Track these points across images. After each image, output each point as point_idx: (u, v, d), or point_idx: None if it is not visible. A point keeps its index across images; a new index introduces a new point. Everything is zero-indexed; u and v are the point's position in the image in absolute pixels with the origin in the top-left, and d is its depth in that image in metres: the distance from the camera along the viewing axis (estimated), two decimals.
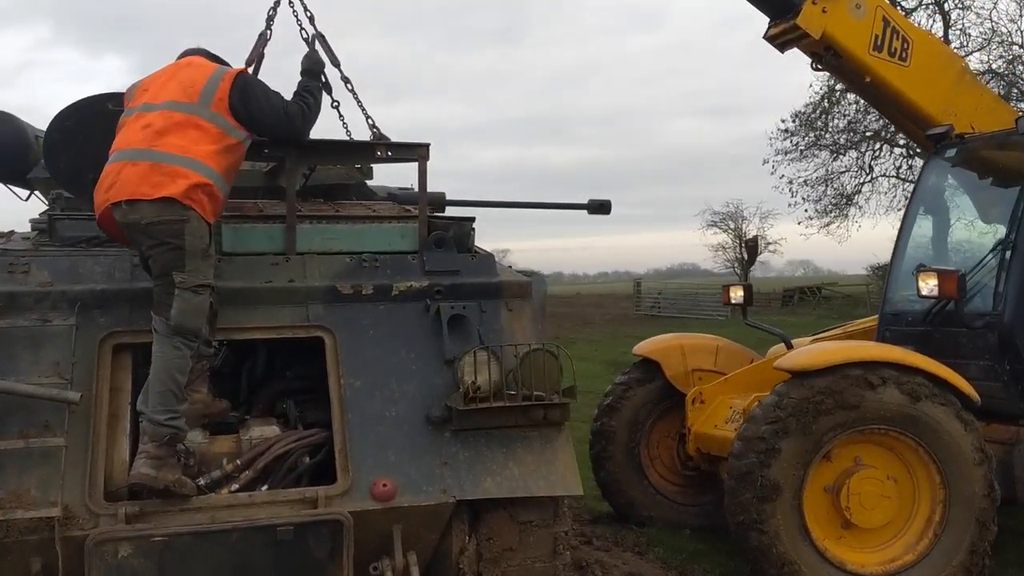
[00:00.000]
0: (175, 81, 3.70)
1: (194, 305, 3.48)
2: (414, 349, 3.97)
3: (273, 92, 3.86)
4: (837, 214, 29.79)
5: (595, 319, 35.65)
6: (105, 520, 3.30)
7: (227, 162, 3.68)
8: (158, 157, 3.50)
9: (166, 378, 3.42)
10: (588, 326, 31.24)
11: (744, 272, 7.96)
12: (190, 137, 3.56)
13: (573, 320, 34.58)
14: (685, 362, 6.40)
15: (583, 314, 39.26)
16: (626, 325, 30.51)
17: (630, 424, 6.42)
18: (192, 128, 3.58)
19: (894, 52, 5.84)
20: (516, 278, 4.29)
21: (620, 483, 6.39)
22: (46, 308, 3.72)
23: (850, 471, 4.86)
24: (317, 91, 4.02)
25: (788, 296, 38.36)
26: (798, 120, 28.83)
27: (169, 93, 3.65)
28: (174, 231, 3.48)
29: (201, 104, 3.63)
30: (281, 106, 3.81)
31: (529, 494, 3.74)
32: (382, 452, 3.68)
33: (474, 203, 7.40)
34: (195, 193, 3.51)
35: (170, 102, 3.62)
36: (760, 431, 4.80)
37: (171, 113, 3.59)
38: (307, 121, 3.90)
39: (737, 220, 41.65)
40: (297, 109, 3.86)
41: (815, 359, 4.91)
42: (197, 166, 3.53)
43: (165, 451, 3.36)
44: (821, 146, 28.75)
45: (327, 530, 3.42)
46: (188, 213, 3.50)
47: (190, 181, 3.49)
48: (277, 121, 3.80)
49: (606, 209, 7.40)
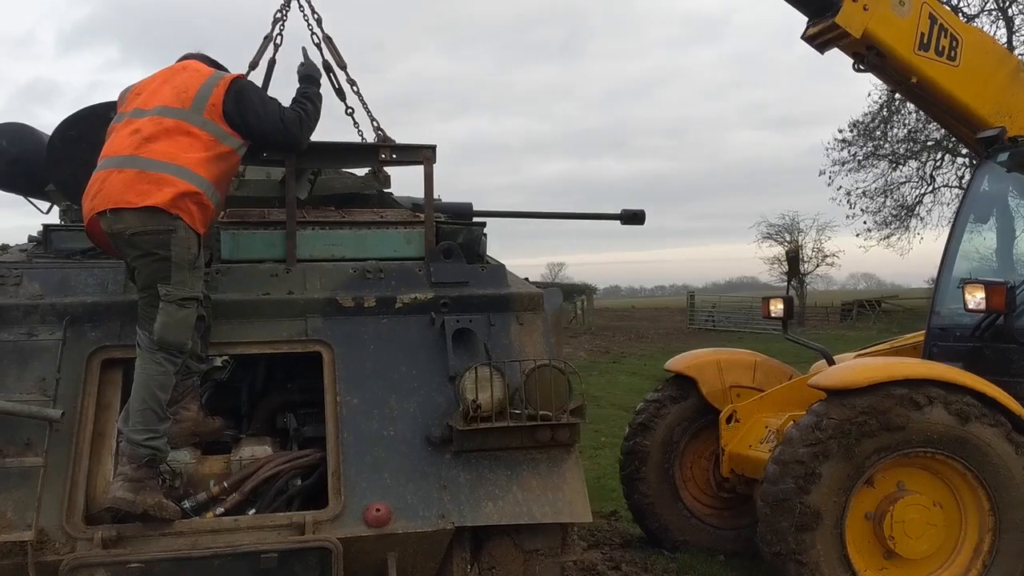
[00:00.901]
0: (169, 86, 3.55)
1: (178, 319, 3.32)
2: (416, 365, 3.77)
3: (270, 99, 3.72)
4: (897, 226, 29.01)
5: (648, 333, 35.19)
6: (82, 544, 3.15)
7: (219, 170, 3.51)
8: (145, 164, 3.35)
9: (147, 396, 3.25)
10: (640, 340, 30.79)
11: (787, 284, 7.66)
12: (180, 144, 3.41)
13: (625, 334, 34.20)
14: (722, 378, 6.08)
15: (636, 328, 38.83)
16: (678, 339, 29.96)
17: (664, 443, 6.11)
18: (182, 135, 3.43)
19: (942, 51, 5.48)
20: (527, 290, 4.06)
21: (653, 505, 6.08)
22: (35, 321, 3.60)
23: (894, 497, 4.51)
24: (315, 97, 3.86)
25: (847, 310, 37.43)
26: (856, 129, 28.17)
27: (161, 98, 3.51)
28: (160, 241, 3.32)
29: (193, 110, 3.48)
30: (277, 113, 3.65)
31: (533, 520, 3.50)
32: (377, 474, 3.47)
33: (503, 214, 7.20)
34: (183, 202, 3.35)
35: (161, 108, 3.48)
36: (798, 454, 4.48)
37: (161, 119, 3.44)
38: (304, 128, 3.73)
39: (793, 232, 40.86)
40: (294, 116, 3.70)
41: (856, 376, 4.58)
42: (185, 174, 3.37)
43: (144, 473, 3.19)
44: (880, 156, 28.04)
45: (315, 558, 3.21)
46: (175, 223, 3.33)
47: (177, 189, 3.33)
48: (273, 128, 3.63)
49: (640, 219, 7.14)
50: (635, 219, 7.15)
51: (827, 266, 41.73)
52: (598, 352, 24.73)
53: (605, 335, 34.03)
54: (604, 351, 24.97)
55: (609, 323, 44.18)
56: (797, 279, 7.55)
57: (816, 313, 40.44)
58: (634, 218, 7.14)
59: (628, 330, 36.87)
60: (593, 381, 16.70)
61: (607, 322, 45.04)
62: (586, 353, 24.27)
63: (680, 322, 41.35)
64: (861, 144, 28.45)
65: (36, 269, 3.77)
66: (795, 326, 34.97)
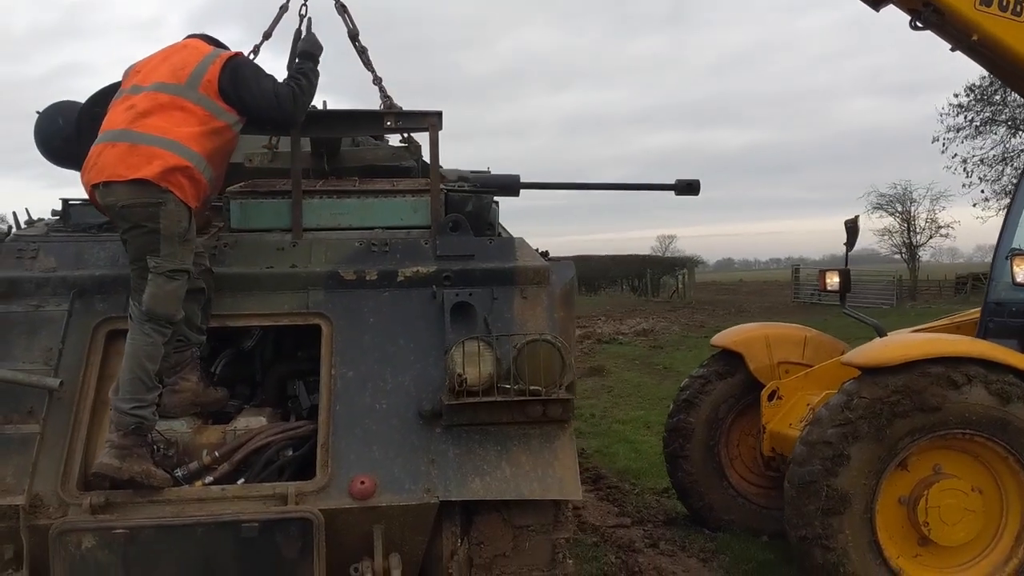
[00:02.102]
0: (167, 64, 3.61)
1: (167, 291, 3.38)
2: (415, 338, 3.74)
3: (266, 75, 3.72)
4: None
5: (750, 308, 34.34)
6: (74, 510, 3.24)
7: (213, 145, 3.55)
8: (136, 138, 3.41)
9: (135, 365, 3.33)
10: (740, 315, 30.01)
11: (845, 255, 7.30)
12: (173, 119, 3.46)
13: (727, 308, 33.48)
14: (770, 354, 5.87)
15: (739, 302, 37.99)
16: (781, 314, 29.15)
17: (709, 421, 5.95)
18: (176, 110, 3.48)
19: (1006, 6, 5.08)
20: (533, 263, 3.96)
21: (697, 484, 5.94)
22: (47, 294, 3.72)
23: (929, 481, 4.28)
24: (311, 73, 3.85)
25: (961, 283, 35.70)
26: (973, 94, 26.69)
27: (159, 75, 3.57)
28: (149, 214, 3.38)
29: (188, 86, 3.52)
30: (272, 89, 3.66)
31: (520, 497, 3.43)
32: (366, 447, 3.47)
33: (551, 185, 7.10)
34: (172, 176, 3.39)
35: (158, 84, 3.53)
36: (826, 435, 4.29)
37: (157, 95, 3.50)
38: (298, 104, 3.73)
39: (905, 203, 39.13)
40: (288, 91, 3.70)
41: (890, 353, 4.34)
42: (177, 147, 3.42)
43: (131, 441, 3.26)
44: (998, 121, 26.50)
45: (296, 528, 3.23)
46: (165, 196, 3.38)
47: (167, 163, 3.38)
48: (267, 104, 3.64)
49: (694, 189, 6.93)
50: (690, 189, 6.93)
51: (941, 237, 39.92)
52: (693, 326, 24.31)
53: (705, 309, 33.41)
54: (699, 325, 24.52)
55: (712, 297, 43.36)
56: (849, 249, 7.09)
57: (929, 287, 38.74)
58: (689, 188, 6.92)
59: (730, 304, 36.08)
60: (680, 356, 16.44)
61: (710, 296, 44.23)
62: (680, 328, 23.90)
63: (787, 296, 40.24)
64: (979, 109, 26.98)
65: (52, 243, 3.89)
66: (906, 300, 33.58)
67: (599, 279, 47.42)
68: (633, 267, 46.60)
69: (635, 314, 30.58)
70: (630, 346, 19.05)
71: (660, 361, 15.88)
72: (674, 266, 47.83)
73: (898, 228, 39.84)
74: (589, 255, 49.09)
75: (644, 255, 49.05)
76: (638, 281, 45.68)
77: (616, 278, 47.35)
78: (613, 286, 47.35)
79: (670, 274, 46.42)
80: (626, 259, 47.73)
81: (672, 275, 46.17)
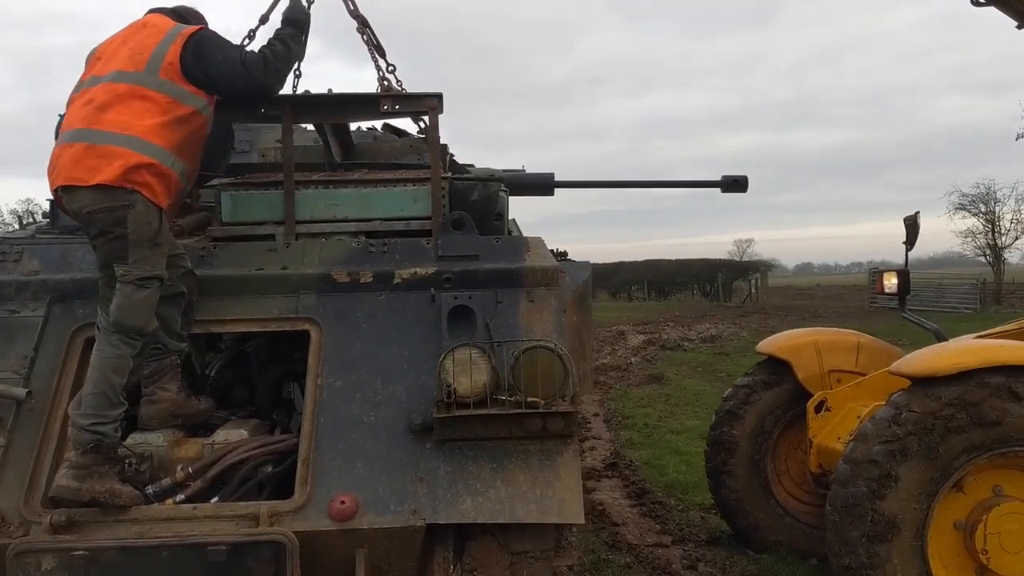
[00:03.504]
0: (125, 48, 3.35)
1: (136, 300, 3.15)
2: (410, 345, 3.47)
3: (231, 44, 3.49)
4: None
5: (825, 312, 33.27)
6: (36, 528, 3.04)
7: (179, 135, 3.31)
8: (93, 137, 3.18)
9: (100, 379, 3.10)
10: (813, 320, 29.08)
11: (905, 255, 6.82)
12: (133, 110, 3.21)
13: (800, 313, 32.52)
14: (820, 362, 5.43)
15: (815, 307, 36.90)
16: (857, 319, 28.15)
17: (754, 433, 5.54)
18: (136, 99, 3.23)
19: None
20: (542, 263, 3.66)
21: (742, 501, 5.52)
22: (26, 298, 3.56)
23: (988, 504, 3.83)
24: (290, 39, 3.59)
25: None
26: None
27: (117, 62, 3.32)
28: (115, 219, 3.15)
29: (148, 72, 3.27)
30: (238, 58, 3.41)
31: (515, 520, 3.10)
32: (350, 463, 3.20)
33: (588, 184, 6.79)
34: (136, 175, 3.16)
35: (115, 72, 3.29)
36: (871, 452, 3.87)
37: (114, 85, 3.25)
38: (269, 70, 3.47)
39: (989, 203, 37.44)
40: (256, 58, 3.45)
41: (943, 362, 3.89)
42: (137, 144, 3.18)
43: (91, 459, 3.03)
44: None
45: (268, 552, 2.97)
46: (132, 197, 3.16)
47: (127, 163, 3.14)
48: (235, 75, 3.40)
49: (742, 186, 6.56)
50: (736, 186, 6.55)
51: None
52: (763, 332, 23.48)
53: (778, 314, 32.51)
54: (770, 331, 23.72)
55: (787, 302, 42.27)
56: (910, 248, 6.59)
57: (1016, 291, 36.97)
58: (735, 184, 6.55)
59: (804, 309, 35.05)
60: (745, 363, 15.81)
61: (785, 301, 43.13)
62: (748, 333, 23.19)
63: (864, 301, 38.95)
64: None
65: (38, 245, 3.74)
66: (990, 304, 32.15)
67: (668, 284, 46.67)
68: (704, 271, 45.69)
69: (704, 319, 29.89)
70: (694, 352, 18.51)
71: (724, 368, 15.34)
72: (747, 270, 46.74)
73: (981, 229, 38.19)
74: (658, 259, 48.40)
75: (715, 259, 47.99)
76: (709, 286, 44.78)
77: (686, 283, 46.49)
78: (683, 291, 46.52)
79: (743, 278, 45.37)
80: (696, 263, 46.82)
81: (745, 279, 45.13)
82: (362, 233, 3.92)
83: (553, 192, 6.39)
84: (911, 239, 5.59)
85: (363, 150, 4.95)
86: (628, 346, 20.28)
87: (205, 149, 3.89)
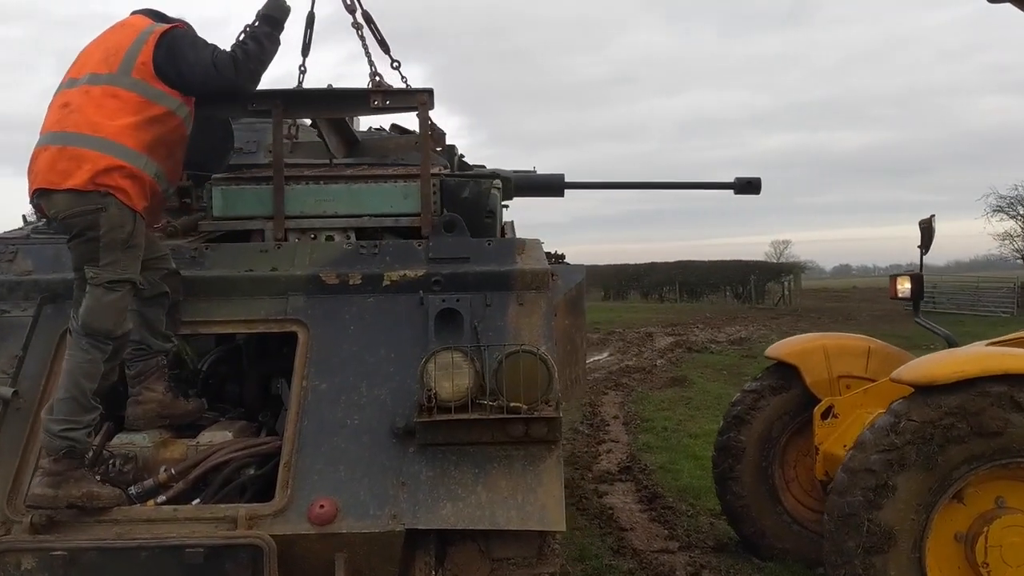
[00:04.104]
0: (100, 49, 3.33)
1: (106, 303, 3.14)
2: (397, 348, 3.45)
3: (204, 43, 3.43)
4: None
5: (859, 315, 32.87)
6: (18, 528, 3.06)
7: (151, 135, 3.27)
8: (65, 139, 3.18)
9: (70, 384, 3.09)
10: (847, 323, 28.77)
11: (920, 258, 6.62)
12: (105, 110, 3.19)
13: (834, 316, 32.16)
14: (829, 367, 5.33)
15: (849, 310, 36.41)
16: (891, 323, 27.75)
17: (762, 439, 5.45)
18: (109, 99, 3.21)
19: None
20: (532, 266, 3.63)
21: (748, 508, 5.44)
22: (18, 298, 3.59)
23: (989, 516, 3.73)
24: (264, 37, 3.50)
25: None
26: None
27: (92, 63, 3.30)
28: (89, 222, 3.15)
29: (121, 72, 3.25)
30: (209, 57, 3.36)
31: (494, 526, 3.08)
32: (332, 467, 3.18)
33: (599, 185, 6.75)
34: (107, 178, 3.15)
35: (90, 75, 3.27)
36: (869, 461, 3.79)
37: (89, 88, 3.24)
38: (240, 69, 3.40)
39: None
40: (227, 58, 3.38)
41: (943, 369, 3.80)
42: (107, 146, 3.16)
43: (64, 466, 3.03)
44: None
45: (246, 555, 2.96)
46: (105, 200, 3.15)
47: (97, 166, 3.13)
48: (206, 75, 3.35)
49: (755, 188, 6.50)
50: (750, 188, 6.51)
51: None
52: (793, 335, 23.27)
53: (811, 317, 32.14)
54: (782, 334, 23.52)
55: (821, 304, 41.76)
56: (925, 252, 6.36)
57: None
58: (748, 187, 6.50)
59: (838, 312, 34.60)
60: None
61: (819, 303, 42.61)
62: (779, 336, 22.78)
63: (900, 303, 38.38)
64: None
65: (32, 245, 3.77)
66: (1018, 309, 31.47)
67: (700, 285, 46.33)
68: (736, 273, 45.31)
69: (735, 322, 29.64)
70: (721, 355, 18.35)
71: (750, 371, 15.15)
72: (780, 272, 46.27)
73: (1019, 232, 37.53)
74: (690, 260, 48.07)
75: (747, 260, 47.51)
76: (741, 288, 44.40)
77: (718, 284, 46.12)
78: (715, 293, 46.16)
79: (775, 280, 44.93)
80: (729, 264, 46.45)
81: (777, 281, 44.69)
82: (352, 229, 3.93)
83: (563, 193, 6.36)
84: (926, 243, 5.50)
85: (367, 147, 4.95)
86: (655, 348, 20.16)
87: (204, 149, 3.91)
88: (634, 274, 49.55)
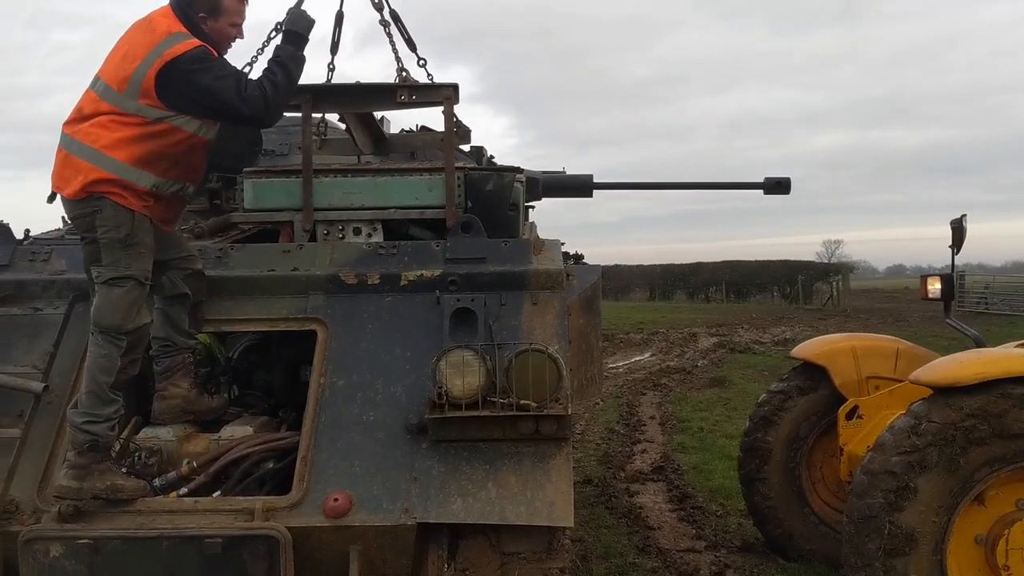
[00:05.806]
0: (121, 53, 3.32)
1: (111, 300, 3.25)
2: (413, 346, 3.53)
3: (227, 72, 3.33)
4: None
5: (910, 316, 32.24)
6: (47, 517, 3.18)
7: (147, 149, 3.28)
8: (70, 145, 3.30)
9: (89, 379, 3.21)
10: (896, 323, 28.25)
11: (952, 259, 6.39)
12: (107, 128, 3.25)
13: (884, 317, 31.60)
14: (857, 367, 5.30)
15: (900, 311, 35.74)
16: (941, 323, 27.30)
17: (789, 440, 5.44)
18: (114, 116, 3.26)
19: None
20: (547, 266, 3.67)
21: (775, 509, 5.43)
22: (51, 296, 3.73)
23: (1010, 519, 3.69)
24: (290, 61, 3.46)
25: None
26: None
27: (109, 69, 3.31)
28: (88, 224, 3.28)
29: (128, 95, 3.25)
30: (235, 90, 3.28)
31: (503, 521, 3.13)
32: (347, 461, 3.26)
33: (627, 185, 6.76)
34: (97, 187, 3.24)
35: (104, 87, 3.30)
36: (889, 463, 3.76)
37: (99, 102, 3.29)
38: (270, 106, 3.36)
39: None
40: (257, 94, 3.31)
41: (964, 371, 3.76)
42: (100, 159, 3.24)
43: (88, 459, 3.14)
44: None
45: (263, 546, 3.05)
46: (99, 203, 3.25)
47: (87, 178, 3.22)
48: (229, 109, 3.31)
49: (784, 188, 6.47)
50: (779, 188, 6.46)
51: None
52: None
53: (860, 318, 31.61)
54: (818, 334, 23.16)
55: (871, 304, 41.06)
56: None
57: None
58: (778, 187, 6.46)
59: (888, 313, 34.00)
60: None
61: (869, 303, 41.90)
62: None
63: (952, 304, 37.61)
64: None
65: (66, 246, 3.90)
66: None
67: (747, 285, 45.86)
68: (784, 273, 44.77)
69: (781, 322, 29.30)
70: (764, 356, 18.16)
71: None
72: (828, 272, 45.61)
73: None
74: (737, 260, 47.60)
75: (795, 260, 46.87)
76: (789, 288, 43.88)
77: (766, 284, 45.62)
78: (763, 293, 45.67)
79: (824, 280, 44.32)
80: (776, 264, 45.88)
81: (826, 281, 44.07)
82: (378, 221, 4.01)
83: (591, 194, 6.38)
84: (957, 242, 5.43)
85: (395, 142, 5.05)
86: (698, 348, 20.04)
87: (232, 153, 4.02)
88: (680, 274, 49.19)
